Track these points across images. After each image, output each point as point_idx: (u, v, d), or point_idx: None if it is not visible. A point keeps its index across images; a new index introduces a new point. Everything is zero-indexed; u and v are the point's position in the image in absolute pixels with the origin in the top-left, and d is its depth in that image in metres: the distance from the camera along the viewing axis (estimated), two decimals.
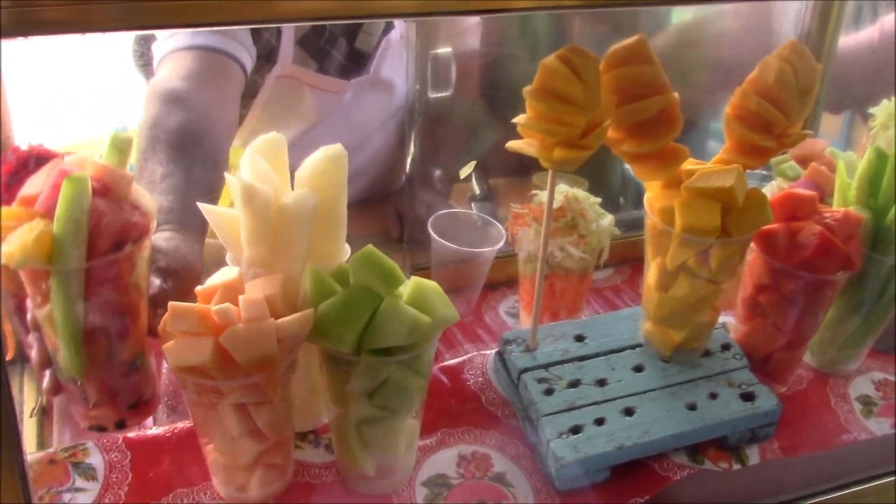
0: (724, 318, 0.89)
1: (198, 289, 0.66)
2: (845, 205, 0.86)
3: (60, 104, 1.63)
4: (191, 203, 0.84)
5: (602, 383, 0.81)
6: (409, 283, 0.67)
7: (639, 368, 0.83)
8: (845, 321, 0.89)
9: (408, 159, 1.15)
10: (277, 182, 0.69)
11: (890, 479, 0.83)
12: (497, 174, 1.39)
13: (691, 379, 0.83)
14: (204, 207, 0.70)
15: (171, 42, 1.09)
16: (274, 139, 0.71)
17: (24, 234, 0.59)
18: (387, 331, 0.64)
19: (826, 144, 1.02)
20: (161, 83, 1.03)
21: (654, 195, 0.79)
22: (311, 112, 1.27)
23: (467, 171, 1.12)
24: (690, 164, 0.77)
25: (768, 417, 0.81)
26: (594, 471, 0.76)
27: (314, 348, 0.69)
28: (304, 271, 0.68)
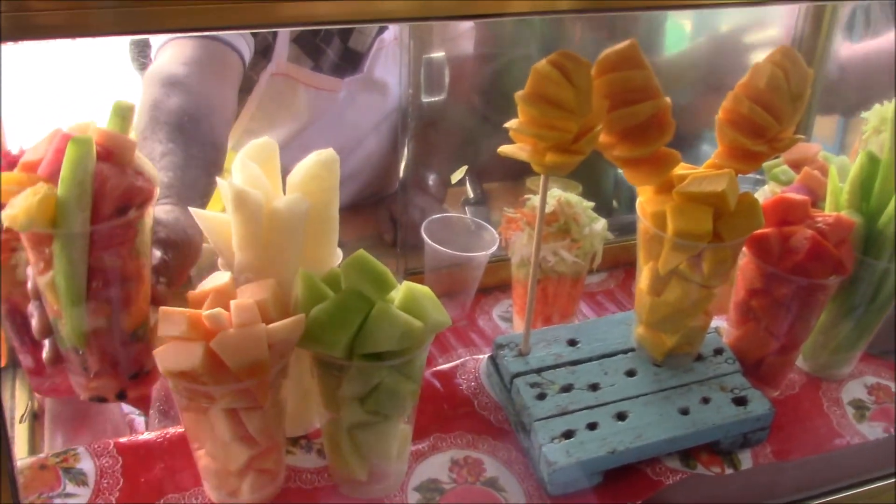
0: (716, 322, 0.89)
1: (189, 294, 0.66)
2: (837, 209, 0.86)
3: (51, 108, 1.63)
4: (190, 179, 0.84)
5: (594, 388, 0.81)
6: (401, 288, 0.67)
7: (631, 373, 0.83)
8: (838, 325, 0.89)
9: (402, 163, 1.15)
10: (269, 187, 0.69)
11: (882, 483, 0.83)
12: (491, 178, 1.39)
13: (684, 383, 0.83)
14: (195, 212, 0.70)
15: None
16: (266, 144, 0.71)
17: (28, 197, 0.58)
18: (378, 336, 0.64)
19: (819, 149, 1.02)
20: (160, 68, 1.02)
21: (646, 200, 0.79)
22: (305, 111, 1.27)
23: (459, 175, 1.13)
24: (682, 168, 0.78)
25: (761, 422, 0.81)
26: (586, 475, 0.75)
27: (306, 353, 0.68)
28: (296, 276, 0.68)
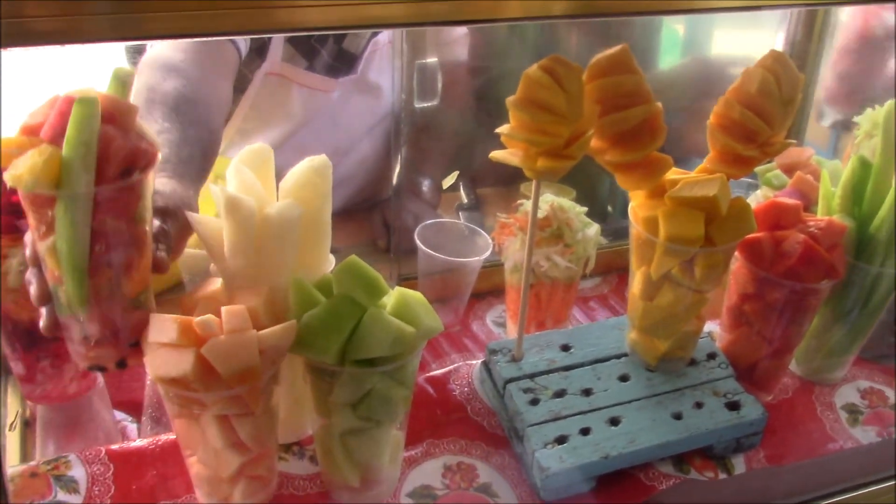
0: (709, 327, 0.89)
1: (180, 300, 0.66)
2: (829, 213, 0.86)
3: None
4: (186, 156, 0.83)
5: (588, 393, 0.81)
6: (393, 294, 0.67)
7: (624, 378, 0.83)
8: (830, 329, 0.89)
9: (395, 169, 1.15)
10: (263, 193, 0.69)
11: (876, 487, 0.82)
12: (485, 184, 1.39)
13: (677, 388, 0.83)
14: (189, 216, 0.69)
15: None
16: (260, 149, 0.71)
17: (33, 157, 0.58)
18: (370, 341, 0.64)
19: (812, 153, 1.02)
20: (155, 54, 1.01)
21: (638, 204, 0.79)
22: (298, 111, 1.27)
23: (450, 180, 1.13)
24: (674, 173, 0.78)
25: (754, 426, 0.81)
26: (580, 481, 0.75)
27: (298, 359, 0.68)
28: (288, 282, 0.67)
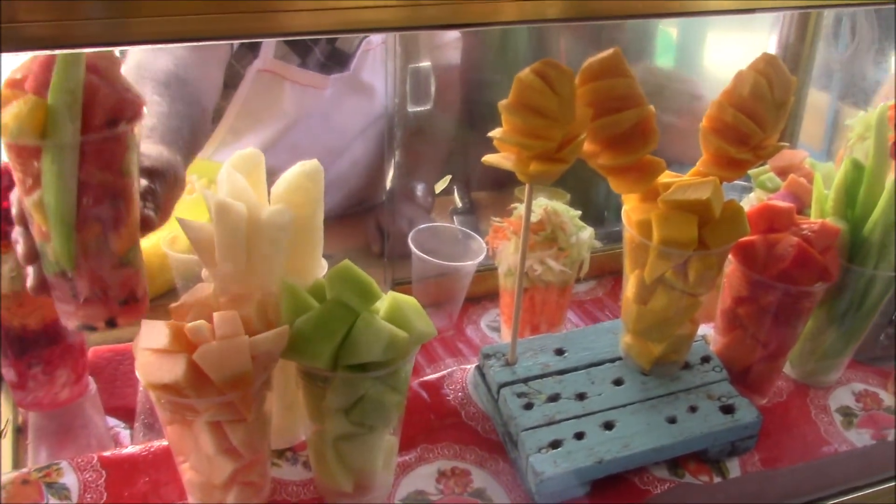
0: (703, 330, 0.89)
1: (172, 306, 0.66)
2: (822, 216, 0.86)
3: None
4: (174, 126, 0.82)
5: (582, 397, 0.81)
6: (386, 299, 0.67)
7: (618, 382, 0.83)
8: (824, 332, 0.89)
9: (389, 173, 1.15)
10: (254, 198, 0.68)
11: (871, 490, 0.82)
12: (479, 187, 1.39)
13: (671, 392, 0.83)
14: (180, 221, 0.69)
15: None
16: (251, 154, 0.71)
17: (18, 106, 0.57)
18: (363, 346, 0.63)
19: (805, 155, 1.02)
20: None
21: (631, 208, 0.79)
22: (290, 108, 1.26)
23: (443, 184, 1.13)
24: (667, 176, 0.78)
25: (748, 430, 0.81)
26: (574, 485, 0.75)
27: (291, 365, 0.68)
28: (280, 288, 0.67)
